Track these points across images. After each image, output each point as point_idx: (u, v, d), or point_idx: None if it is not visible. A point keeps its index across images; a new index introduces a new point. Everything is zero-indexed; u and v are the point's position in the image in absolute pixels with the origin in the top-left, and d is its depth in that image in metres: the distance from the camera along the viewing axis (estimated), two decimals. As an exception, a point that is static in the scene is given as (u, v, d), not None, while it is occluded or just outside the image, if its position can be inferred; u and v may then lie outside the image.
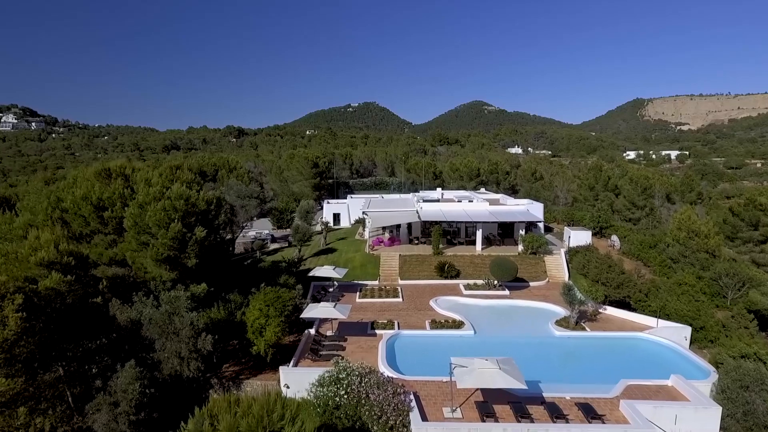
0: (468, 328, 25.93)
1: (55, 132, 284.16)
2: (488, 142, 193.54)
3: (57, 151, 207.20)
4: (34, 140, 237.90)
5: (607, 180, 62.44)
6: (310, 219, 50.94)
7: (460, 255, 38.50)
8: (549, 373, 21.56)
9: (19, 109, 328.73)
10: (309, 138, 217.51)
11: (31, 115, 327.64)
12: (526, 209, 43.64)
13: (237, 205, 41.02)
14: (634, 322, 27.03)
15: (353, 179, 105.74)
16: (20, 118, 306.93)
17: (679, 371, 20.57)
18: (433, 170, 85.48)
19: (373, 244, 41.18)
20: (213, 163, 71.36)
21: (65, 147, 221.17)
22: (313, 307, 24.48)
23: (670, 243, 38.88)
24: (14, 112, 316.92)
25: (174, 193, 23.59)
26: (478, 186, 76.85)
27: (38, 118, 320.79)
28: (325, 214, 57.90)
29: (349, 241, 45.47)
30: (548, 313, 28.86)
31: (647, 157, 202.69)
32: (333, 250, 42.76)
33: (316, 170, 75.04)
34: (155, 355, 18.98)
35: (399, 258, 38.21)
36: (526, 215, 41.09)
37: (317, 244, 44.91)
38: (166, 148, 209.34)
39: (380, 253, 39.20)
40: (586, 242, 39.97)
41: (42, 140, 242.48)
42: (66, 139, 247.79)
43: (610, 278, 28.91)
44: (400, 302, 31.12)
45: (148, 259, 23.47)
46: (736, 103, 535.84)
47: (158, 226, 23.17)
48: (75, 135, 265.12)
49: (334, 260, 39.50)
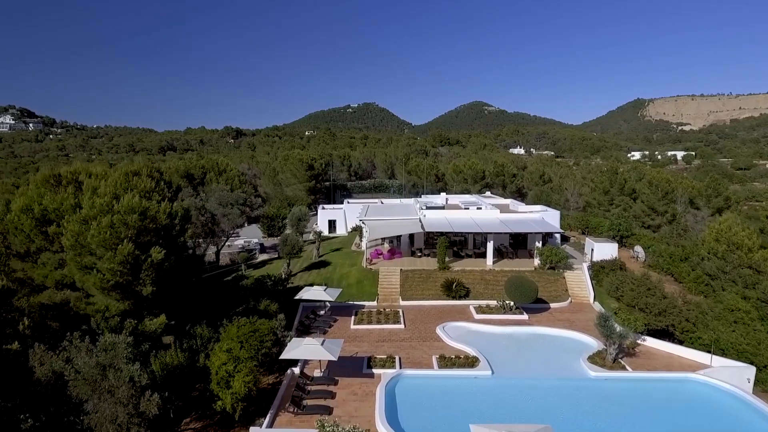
0: (484, 367, 21.52)
1: (52, 133, 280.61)
2: (490, 143, 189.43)
3: (51, 153, 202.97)
4: (30, 141, 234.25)
5: (623, 183, 58.04)
6: (303, 227, 46.52)
7: (469, 270, 34.09)
8: (586, 425, 17.34)
9: (17, 110, 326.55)
10: (308, 139, 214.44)
11: (29, 116, 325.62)
12: (540, 217, 39.26)
13: (218, 213, 36.61)
14: (683, 359, 22.64)
15: (351, 181, 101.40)
16: (18, 119, 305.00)
17: (744, 424, 16.36)
18: (435, 172, 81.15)
19: (371, 257, 36.77)
20: (201, 166, 66.99)
21: (59, 148, 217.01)
22: (296, 344, 20.07)
23: (706, 256, 34.47)
24: (12, 113, 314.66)
25: (124, 206, 19.18)
26: (483, 189, 72.55)
27: (36, 119, 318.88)
28: (319, 222, 53.46)
29: (345, 253, 41.03)
30: (577, 344, 24.47)
31: (653, 157, 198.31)
32: (326, 263, 38.32)
33: (312, 173, 70.57)
34: (85, 419, 14.60)
35: (400, 274, 33.81)
36: (543, 225, 36.69)
37: (309, 256, 40.49)
38: (162, 149, 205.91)
39: (379, 268, 34.80)
40: (611, 256, 35.57)
41: (39, 141, 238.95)
42: (62, 140, 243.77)
43: (650, 303, 24.53)
44: (402, 329, 26.71)
45: (92, 286, 19.05)
46: (737, 103, 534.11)
47: (104, 247, 18.76)
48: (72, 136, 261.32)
49: (327, 276, 35.09)
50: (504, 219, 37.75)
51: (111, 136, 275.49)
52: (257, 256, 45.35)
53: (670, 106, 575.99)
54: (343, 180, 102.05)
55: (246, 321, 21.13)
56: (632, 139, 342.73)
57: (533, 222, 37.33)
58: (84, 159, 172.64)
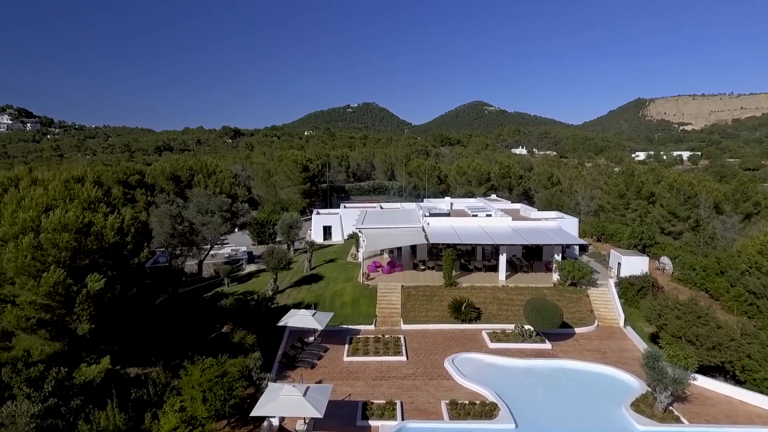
0: (505, 418, 17.46)
1: (50, 133, 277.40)
2: (492, 143, 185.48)
3: (45, 153, 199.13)
4: (27, 141, 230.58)
5: (640, 186, 53.99)
6: (294, 235, 42.49)
7: (479, 287, 30.04)
8: None
9: (15, 110, 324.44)
10: (306, 139, 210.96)
11: (27, 116, 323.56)
12: (557, 225, 35.19)
13: (197, 222, 32.57)
14: (746, 405, 18.61)
15: (350, 183, 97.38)
16: (15, 119, 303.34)
17: None
18: (437, 174, 77.12)
19: (368, 271, 32.69)
20: (189, 167, 62.96)
21: (53, 148, 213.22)
22: (272, 395, 16.03)
23: (746, 270, 30.42)
24: (9, 113, 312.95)
25: (53, 222, 15.14)
26: (489, 192, 68.56)
27: (34, 119, 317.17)
28: (313, 228, 49.39)
29: (340, 265, 36.94)
30: (614, 384, 20.43)
31: (658, 158, 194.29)
32: (319, 277, 34.24)
33: (306, 174, 66.41)
34: None
35: (401, 291, 29.76)
36: (562, 235, 32.61)
37: (300, 269, 36.43)
38: (158, 149, 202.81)
39: (377, 284, 30.71)
40: (642, 271, 31.48)
41: (36, 141, 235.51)
42: (58, 140, 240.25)
43: (701, 335, 20.47)
44: (404, 363, 22.65)
45: (10, 324, 15.02)
46: (738, 103, 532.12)
47: (25, 274, 14.73)
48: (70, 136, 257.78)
49: (319, 294, 31.01)
50: (518, 228, 33.70)
51: (108, 135, 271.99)
52: (244, 267, 41.28)
53: (671, 106, 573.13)
54: (341, 182, 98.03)
55: (212, 362, 17.10)
56: (634, 139, 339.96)
57: (551, 231, 33.26)
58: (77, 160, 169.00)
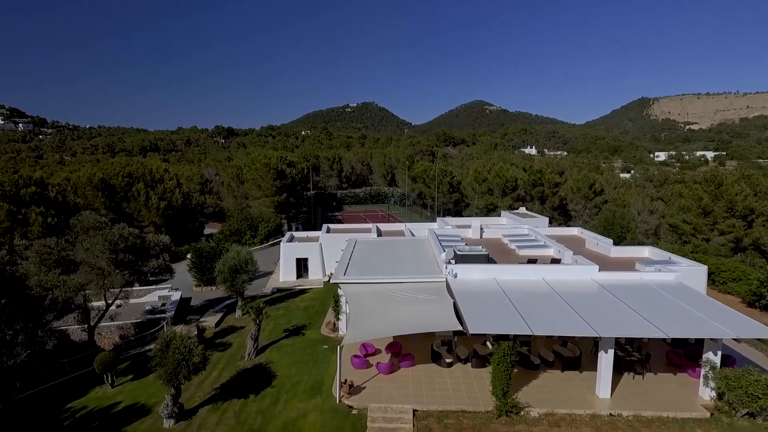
0: None
1: (43, 133, 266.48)
2: (501, 143, 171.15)
3: (22, 154, 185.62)
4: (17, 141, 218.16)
5: (733, 199, 39.39)
6: (242, 283, 27.67)
7: (563, 416, 15.48)
8: None
9: (6, 110, 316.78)
10: (303, 138, 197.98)
11: (19, 115, 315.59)
12: (677, 282, 20.53)
13: (33, 282, 17.95)
14: None
15: (343, 190, 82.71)
16: (7, 119, 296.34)
17: None
18: (448, 180, 62.42)
19: (349, 382, 17.89)
20: (127, 174, 48.35)
21: (31, 149, 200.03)
22: None
23: None
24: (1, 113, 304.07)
25: None
26: (515, 204, 54.07)
27: (26, 119, 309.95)
28: (282, 264, 34.69)
29: (306, 343, 22.18)
30: None
31: (680, 158, 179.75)
32: (265, 378, 19.42)
33: (282, 182, 51.29)
34: None
35: (414, 425, 15.20)
36: (728, 318, 17.78)
37: (238, 352, 21.79)
38: (143, 150, 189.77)
39: (367, 404, 16.16)
40: None
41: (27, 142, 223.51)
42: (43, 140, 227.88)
43: None
44: None
45: None
46: (744, 101, 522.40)
47: None
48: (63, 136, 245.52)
49: (254, 424, 16.30)
50: (616, 287, 18.99)
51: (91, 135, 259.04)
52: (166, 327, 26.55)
53: (675, 105, 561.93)
54: (333, 188, 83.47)
55: None
56: (639, 138, 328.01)
57: (682, 298, 18.51)
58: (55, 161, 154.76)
